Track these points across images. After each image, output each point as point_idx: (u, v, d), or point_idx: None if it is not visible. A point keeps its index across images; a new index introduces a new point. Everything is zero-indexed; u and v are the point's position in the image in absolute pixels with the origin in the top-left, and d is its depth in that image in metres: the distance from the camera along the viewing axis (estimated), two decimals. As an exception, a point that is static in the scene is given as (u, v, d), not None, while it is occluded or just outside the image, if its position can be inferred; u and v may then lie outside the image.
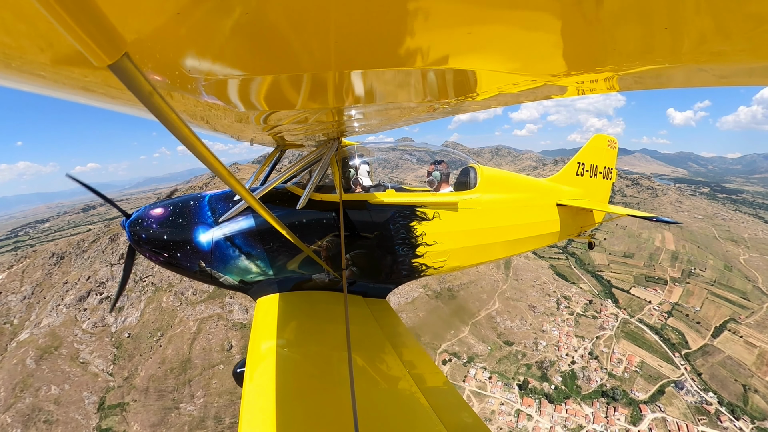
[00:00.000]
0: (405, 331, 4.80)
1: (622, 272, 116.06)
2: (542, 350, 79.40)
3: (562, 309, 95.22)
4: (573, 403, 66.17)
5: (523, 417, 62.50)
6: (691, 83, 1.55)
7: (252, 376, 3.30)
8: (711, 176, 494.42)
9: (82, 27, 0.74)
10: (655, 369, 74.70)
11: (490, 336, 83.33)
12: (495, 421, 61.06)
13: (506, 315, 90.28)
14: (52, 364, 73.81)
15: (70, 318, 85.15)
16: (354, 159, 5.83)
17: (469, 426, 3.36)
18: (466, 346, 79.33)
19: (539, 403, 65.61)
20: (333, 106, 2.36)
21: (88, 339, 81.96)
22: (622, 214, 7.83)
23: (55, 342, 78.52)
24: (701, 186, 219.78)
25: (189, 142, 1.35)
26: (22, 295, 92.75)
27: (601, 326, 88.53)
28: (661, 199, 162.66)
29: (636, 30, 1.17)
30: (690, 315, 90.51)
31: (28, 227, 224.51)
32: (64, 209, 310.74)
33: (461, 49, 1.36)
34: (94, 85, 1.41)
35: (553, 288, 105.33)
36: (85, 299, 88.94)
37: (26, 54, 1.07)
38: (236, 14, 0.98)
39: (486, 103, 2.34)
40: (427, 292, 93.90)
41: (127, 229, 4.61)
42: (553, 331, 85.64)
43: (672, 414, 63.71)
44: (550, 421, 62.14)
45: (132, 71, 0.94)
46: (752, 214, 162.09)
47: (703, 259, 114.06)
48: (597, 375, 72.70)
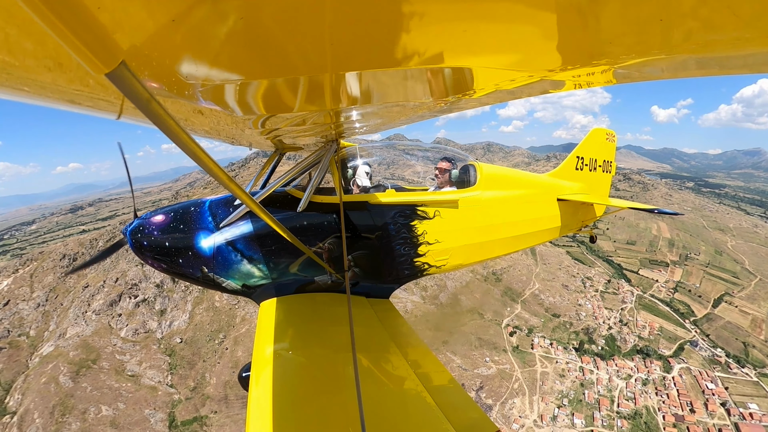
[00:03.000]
0: (409, 330, 4.79)
1: (628, 257, 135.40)
2: (584, 319, 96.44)
3: (588, 287, 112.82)
4: (618, 359, 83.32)
5: (586, 372, 79.07)
6: (687, 73, 1.56)
7: (258, 380, 3.30)
8: (694, 171, 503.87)
9: (78, 36, 0.74)
10: (672, 332, 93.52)
11: (539, 311, 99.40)
12: (568, 377, 76.96)
13: (547, 293, 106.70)
14: (93, 380, 64.31)
15: (103, 326, 77.10)
16: (353, 160, 5.78)
17: (477, 423, 3.35)
18: (522, 320, 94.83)
19: (594, 361, 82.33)
20: (330, 108, 2.39)
21: (131, 348, 73.60)
22: (624, 207, 7.83)
23: (91, 354, 69.67)
24: (686, 181, 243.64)
25: (188, 148, 1.36)
26: (35, 303, 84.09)
27: (623, 300, 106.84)
28: (652, 193, 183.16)
29: (631, 22, 1.17)
30: (692, 290, 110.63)
31: (13, 230, 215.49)
32: (48, 211, 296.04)
33: (457, 47, 1.37)
34: (92, 93, 1.40)
35: (575, 270, 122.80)
36: (117, 303, 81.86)
37: (22, 64, 1.05)
38: (231, 19, 0.99)
39: (483, 101, 2.36)
40: (476, 277, 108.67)
41: (129, 237, 4.60)
42: (587, 304, 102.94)
43: (693, 365, 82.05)
44: (606, 373, 79.04)
45: (129, 79, 0.94)
46: (735, 207, 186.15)
47: (696, 245, 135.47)
48: (630, 337, 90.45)
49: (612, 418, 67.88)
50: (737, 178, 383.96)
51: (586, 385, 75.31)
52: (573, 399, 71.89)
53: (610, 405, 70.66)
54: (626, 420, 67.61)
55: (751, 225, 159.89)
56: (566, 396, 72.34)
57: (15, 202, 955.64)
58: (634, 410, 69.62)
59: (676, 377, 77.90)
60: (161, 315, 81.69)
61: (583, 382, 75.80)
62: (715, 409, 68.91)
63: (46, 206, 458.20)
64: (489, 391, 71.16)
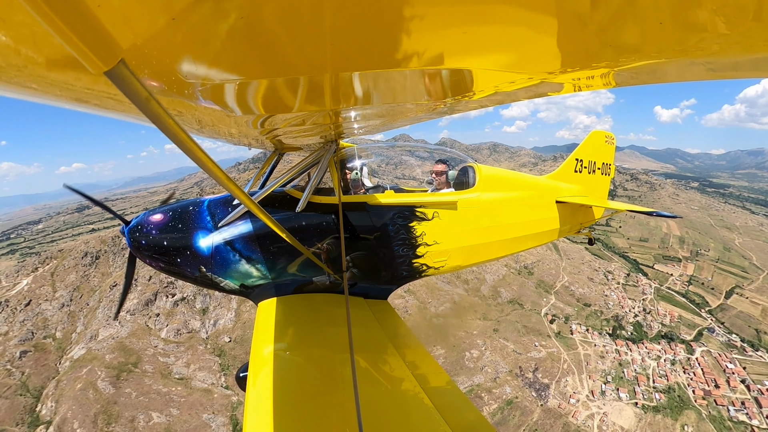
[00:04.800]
0: (407, 332, 4.79)
1: (642, 253, 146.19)
2: (612, 308, 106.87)
3: (610, 280, 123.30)
4: (647, 342, 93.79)
5: (621, 353, 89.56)
6: (686, 77, 1.58)
7: (255, 381, 3.30)
8: (698, 172, 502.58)
9: (77, 34, 0.74)
10: (691, 320, 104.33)
11: (571, 301, 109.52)
12: (607, 358, 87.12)
13: (576, 285, 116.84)
14: (137, 384, 60.53)
15: (139, 326, 73.45)
16: (352, 161, 5.74)
17: (474, 425, 3.35)
18: (558, 309, 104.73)
19: (627, 344, 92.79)
20: (330, 109, 2.39)
21: (175, 349, 70.51)
22: (622, 209, 7.94)
23: (130, 357, 66.12)
24: (690, 181, 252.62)
25: (187, 147, 1.37)
26: (58, 303, 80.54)
27: (642, 291, 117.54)
28: (659, 193, 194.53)
29: (631, 25, 1.17)
30: (705, 283, 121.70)
31: (20, 229, 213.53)
32: (54, 210, 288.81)
33: (457, 49, 1.38)
34: (91, 92, 1.41)
35: (597, 265, 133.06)
36: (153, 303, 78.71)
37: (22, 62, 1.05)
38: (232, 19, 0.99)
39: (483, 102, 2.37)
40: (511, 270, 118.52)
41: (127, 236, 4.59)
42: (612, 295, 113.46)
43: (712, 348, 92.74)
44: (639, 354, 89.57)
45: (128, 78, 0.94)
46: (740, 206, 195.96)
47: (705, 242, 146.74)
48: (654, 324, 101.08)
49: (650, 392, 78.20)
50: (741, 178, 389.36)
51: (624, 364, 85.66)
52: (615, 376, 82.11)
53: (647, 381, 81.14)
54: (662, 393, 77.99)
55: (757, 224, 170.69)
56: (609, 374, 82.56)
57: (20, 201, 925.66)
58: (667, 385, 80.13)
59: (699, 358, 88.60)
60: (203, 314, 78.87)
61: (621, 362, 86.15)
62: (737, 386, 79.59)
63: (51, 206, 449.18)
64: (543, 371, 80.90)
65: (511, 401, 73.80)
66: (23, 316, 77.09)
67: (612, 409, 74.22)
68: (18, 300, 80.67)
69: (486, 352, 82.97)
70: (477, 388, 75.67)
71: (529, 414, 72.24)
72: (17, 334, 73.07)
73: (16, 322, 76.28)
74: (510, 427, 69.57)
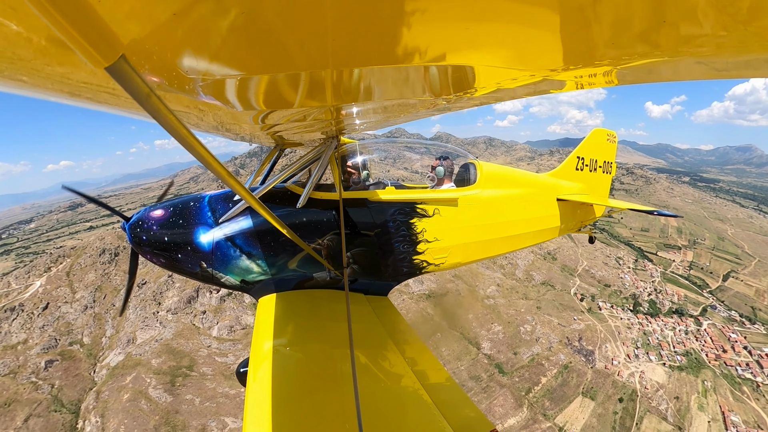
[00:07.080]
0: (407, 328, 4.79)
1: (645, 241, 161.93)
2: (629, 287, 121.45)
3: (621, 265, 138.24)
4: (662, 316, 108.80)
5: (644, 325, 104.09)
6: (689, 76, 1.56)
7: (255, 376, 3.32)
8: (688, 167, 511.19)
9: (78, 29, 0.73)
10: (695, 299, 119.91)
11: (593, 282, 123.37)
12: (633, 328, 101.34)
13: (595, 269, 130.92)
14: (198, 389, 55.12)
15: (185, 326, 68.67)
16: (353, 157, 5.61)
17: (473, 422, 3.37)
18: (584, 290, 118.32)
19: (646, 318, 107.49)
20: (331, 105, 2.37)
21: (232, 348, 65.62)
22: (623, 208, 7.86)
23: (182, 360, 61.26)
24: (681, 176, 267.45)
25: (187, 143, 1.36)
26: (80, 305, 74.42)
27: (651, 274, 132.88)
28: (654, 187, 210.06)
29: (634, 24, 1.16)
30: (704, 268, 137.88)
31: (11, 229, 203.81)
32: (44, 209, 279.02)
33: (459, 45, 1.36)
34: (86, 86, 1.40)
35: (608, 252, 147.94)
36: (196, 300, 74.31)
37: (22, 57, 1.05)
38: (233, 14, 0.98)
39: (485, 99, 2.36)
40: (537, 256, 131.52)
41: (128, 232, 4.59)
42: (626, 277, 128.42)
43: (716, 322, 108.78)
44: (658, 326, 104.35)
45: (129, 73, 0.94)
46: (730, 200, 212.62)
47: (700, 232, 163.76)
48: (666, 301, 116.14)
49: (673, 355, 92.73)
50: (730, 174, 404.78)
51: (648, 333, 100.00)
52: (643, 343, 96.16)
53: (669, 346, 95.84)
54: (683, 356, 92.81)
55: (747, 216, 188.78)
56: (637, 341, 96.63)
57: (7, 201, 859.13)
58: (685, 350, 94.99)
59: (707, 329, 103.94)
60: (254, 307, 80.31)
61: (645, 332, 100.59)
62: (741, 351, 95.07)
63: (40, 204, 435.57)
64: (586, 340, 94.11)
65: (566, 366, 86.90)
66: (42, 321, 69.76)
67: (647, 369, 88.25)
68: (34, 303, 73.07)
69: (537, 326, 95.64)
70: (537, 357, 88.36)
71: (583, 375, 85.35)
72: (38, 342, 65.42)
73: (35, 328, 68.54)
74: (572, 387, 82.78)
